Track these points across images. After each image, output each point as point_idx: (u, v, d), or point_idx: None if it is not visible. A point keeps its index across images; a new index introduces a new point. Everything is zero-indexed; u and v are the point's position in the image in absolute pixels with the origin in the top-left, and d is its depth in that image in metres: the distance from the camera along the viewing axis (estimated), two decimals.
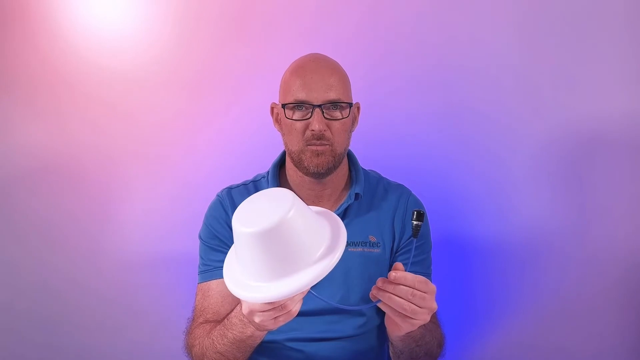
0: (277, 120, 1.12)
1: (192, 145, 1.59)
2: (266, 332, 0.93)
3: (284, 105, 1.06)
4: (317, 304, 1.01)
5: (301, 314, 0.85)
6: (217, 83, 1.56)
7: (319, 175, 1.07)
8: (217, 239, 1.12)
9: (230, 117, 1.57)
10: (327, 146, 1.04)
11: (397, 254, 1.13)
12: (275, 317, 0.81)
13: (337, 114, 1.05)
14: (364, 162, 1.19)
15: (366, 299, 0.74)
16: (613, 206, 1.41)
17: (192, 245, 1.17)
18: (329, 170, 1.07)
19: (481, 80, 1.45)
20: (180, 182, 1.59)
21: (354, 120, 1.13)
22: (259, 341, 0.97)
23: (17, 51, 1.58)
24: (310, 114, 1.03)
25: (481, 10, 1.43)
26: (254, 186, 1.16)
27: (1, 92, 1.60)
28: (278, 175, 1.15)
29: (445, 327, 1.10)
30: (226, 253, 0.90)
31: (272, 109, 1.13)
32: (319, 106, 1.03)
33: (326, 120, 1.03)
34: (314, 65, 1.06)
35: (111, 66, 1.57)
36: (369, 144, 1.35)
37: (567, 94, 1.41)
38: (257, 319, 0.83)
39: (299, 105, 1.04)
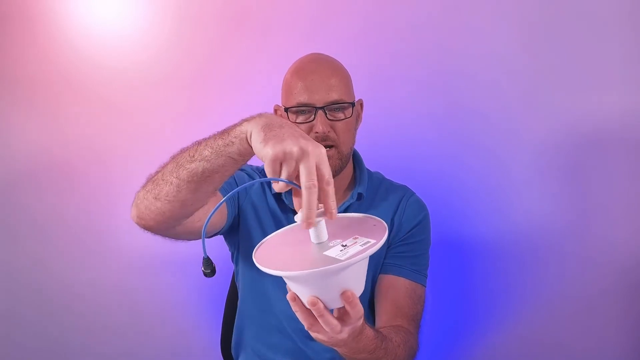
0: None
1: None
2: (244, 149, 0.79)
3: (286, 109, 1.06)
4: None
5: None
6: (217, 82, 1.56)
7: None
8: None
9: (231, 116, 1.56)
10: (333, 148, 1.04)
11: (389, 249, 1.12)
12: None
13: (340, 114, 1.05)
14: (365, 163, 1.19)
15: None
16: (613, 206, 1.42)
17: (192, 245, 1.16)
18: (336, 173, 1.07)
19: (482, 81, 1.45)
20: None
21: (358, 118, 1.13)
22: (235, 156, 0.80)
23: (17, 51, 1.58)
24: (313, 116, 1.03)
25: (482, 12, 1.43)
26: (261, 176, 1.15)
27: (1, 92, 1.60)
28: None
29: (445, 326, 1.09)
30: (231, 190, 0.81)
31: (275, 111, 1.13)
32: (322, 108, 1.03)
33: (330, 121, 1.03)
34: (315, 67, 1.05)
35: (111, 66, 1.57)
36: (370, 145, 1.35)
37: (567, 94, 1.41)
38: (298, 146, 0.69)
39: (301, 108, 1.04)
